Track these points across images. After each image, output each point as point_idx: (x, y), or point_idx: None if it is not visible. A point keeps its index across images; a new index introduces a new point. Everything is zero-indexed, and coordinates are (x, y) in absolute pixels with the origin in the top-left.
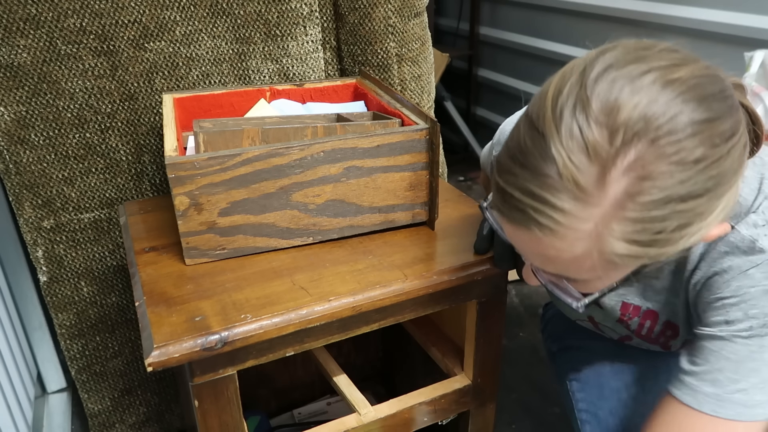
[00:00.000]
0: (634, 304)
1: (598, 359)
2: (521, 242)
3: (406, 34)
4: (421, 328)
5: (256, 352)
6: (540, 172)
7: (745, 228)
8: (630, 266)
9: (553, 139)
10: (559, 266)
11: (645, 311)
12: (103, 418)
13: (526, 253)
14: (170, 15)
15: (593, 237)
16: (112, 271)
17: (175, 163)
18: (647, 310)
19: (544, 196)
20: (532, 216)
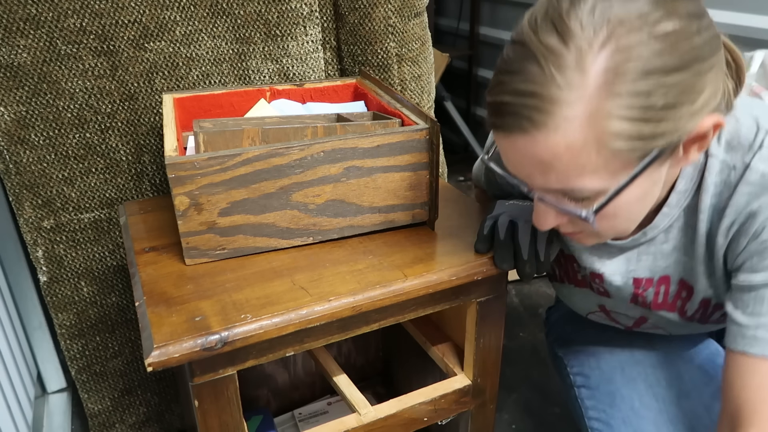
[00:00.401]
0: (645, 277)
1: (608, 365)
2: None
3: (406, 34)
4: (421, 328)
5: (256, 352)
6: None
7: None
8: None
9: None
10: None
11: (658, 279)
12: (103, 418)
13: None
14: (170, 15)
15: (585, 120)
16: (112, 271)
17: (175, 163)
18: (660, 277)
19: (531, 89)
20: (525, 114)
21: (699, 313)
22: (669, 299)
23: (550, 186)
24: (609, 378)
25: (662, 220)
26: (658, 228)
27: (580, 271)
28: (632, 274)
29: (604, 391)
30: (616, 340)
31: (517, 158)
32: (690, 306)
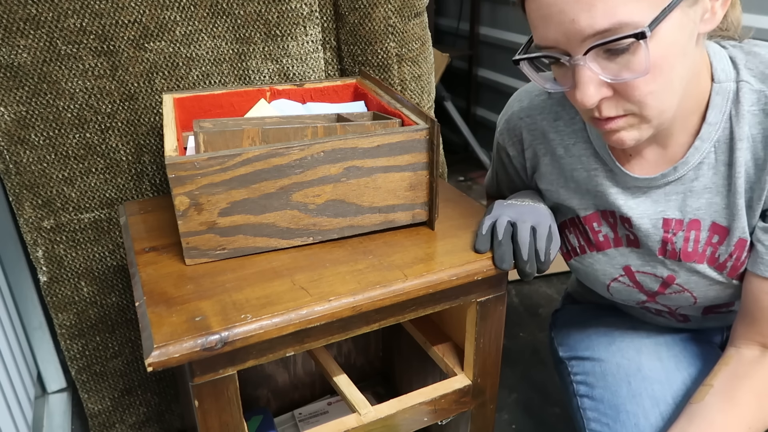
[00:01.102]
0: (675, 218)
1: (614, 377)
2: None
3: (406, 34)
4: (421, 328)
5: (256, 352)
6: None
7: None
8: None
9: None
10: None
11: (688, 222)
12: (103, 418)
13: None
14: (170, 15)
15: None
16: (112, 271)
17: (175, 163)
18: (690, 220)
19: None
20: None
21: (732, 259)
22: (699, 247)
23: (596, 25)
24: (614, 391)
25: (693, 155)
26: (689, 164)
27: (601, 231)
28: (662, 215)
29: (608, 404)
30: (623, 351)
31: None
32: (722, 251)
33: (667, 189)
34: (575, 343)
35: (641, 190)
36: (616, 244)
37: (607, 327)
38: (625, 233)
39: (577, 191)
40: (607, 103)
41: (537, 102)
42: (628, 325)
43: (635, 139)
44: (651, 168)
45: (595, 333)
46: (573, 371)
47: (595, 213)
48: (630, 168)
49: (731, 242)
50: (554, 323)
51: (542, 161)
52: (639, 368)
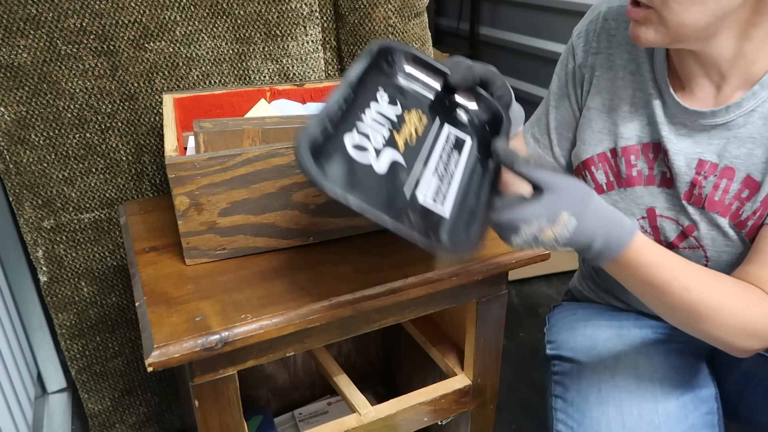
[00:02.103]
0: (711, 161)
1: (587, 382)
2: None
3: (406, 34)
4: (421, 328)
5: (256, 352)
6: None
7: None
8: None
9: None
10: None
11: (722, 168)
12: (103, 418)
13: None
14: (170, 15)
15: None
16: (112, 271)
17: (176, 163)
18: (725, 167)
19: None
20: None
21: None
22: (726, 198)
23: None
24: (584, 396)
25: (749, 100)
26: (742, 108)
27: (637, 165)
28: (698, 156)
29: (576, 407)
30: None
31: None
32: (747, 208)
33: (712, 132)
34: (562, 342)
35: (687, 126)
36: (647, 182)
37: (595, 330)
38: (661, 170)
39: (625, 117)
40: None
41: (623, 10)
42: (614, 331)
43: (649, 40)
44: (702, 105)
45: (582, 335)
46: (554, 370)
47: (636, 145)
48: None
49: (759, 198)
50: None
51: (602, 76)
52: (613, 375)
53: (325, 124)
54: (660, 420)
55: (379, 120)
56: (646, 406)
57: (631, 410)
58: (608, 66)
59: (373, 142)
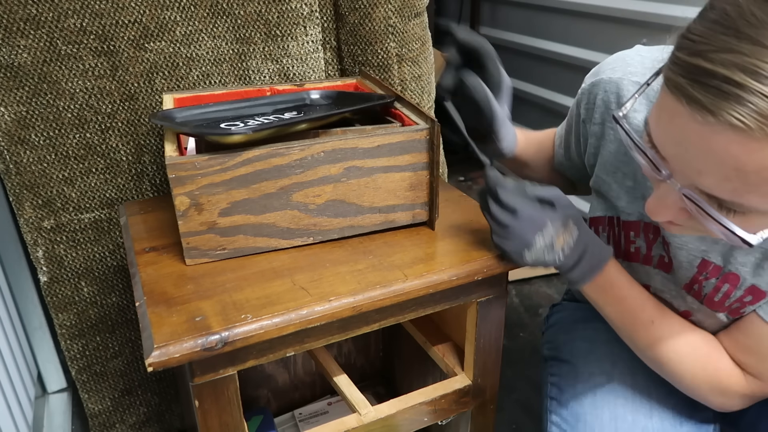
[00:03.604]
0: (715, 263)
1: (583, 386)
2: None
3: (407, 34)
4: (421, 328)
5: (256, 352)
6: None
7: None
8: None
9: None
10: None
11: (726, 273)
12: (103, 418)
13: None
14: (170, 15)
15: None
16: (112, 271)
17: (176, 164)
18: (728, 272)
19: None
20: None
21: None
22: (727, 302)
23: (718, 193)
24: (579, 400)
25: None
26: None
27: (636, 242)
28: (703, 255)
29: (571, 411)
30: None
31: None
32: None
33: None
34: (560, 344)
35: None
36: (645, 261)
37: (593, 333)
38: (660, 254)
39: (629, 192)
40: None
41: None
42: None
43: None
44: None
45: (580, 338)
46: (550, 371)
47: (638, 222)
48: None
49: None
50: (548, 318)
51: (607, 147)
52: (609, 381)
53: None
54: (654, 427)
55: None
56: (641, 414)
57: (625, 417)
58: (612, 138)
59: None
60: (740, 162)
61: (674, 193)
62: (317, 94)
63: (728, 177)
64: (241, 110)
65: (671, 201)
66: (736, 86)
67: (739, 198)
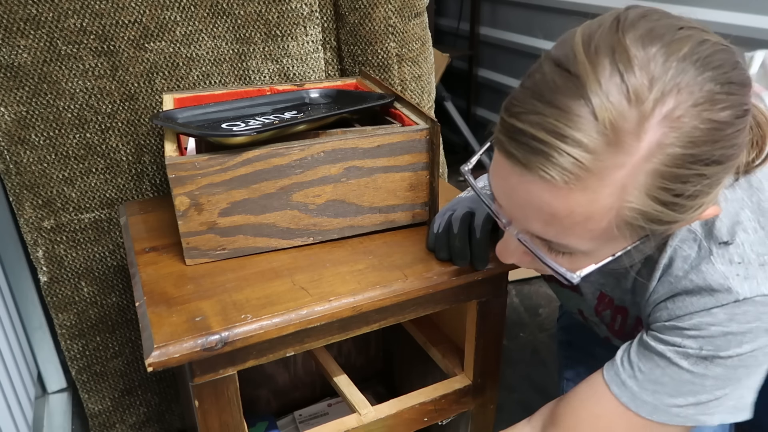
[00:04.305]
0: (609, 296)
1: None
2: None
3: (407, 34)
4: (421, 328)
5: (256, 352)
6: (571, 112)
7: (721, 262)
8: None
9: (589, 79)
10: (561, 230)
11: (616, 306)
12: (103, 418)
13: (523, 211)
14: (170, 15)
15: (618, 189)
16: (112, 272)
17: (176, 164)
18: (618, 305)
19: (575, 136)
20: (555, 159)
21: None
22: (626, 329)
23: (545, 236)
24: None
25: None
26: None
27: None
28: (601, 288)
29: None
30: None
31: (521, 199)
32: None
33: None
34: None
35: None
36: (573, 289)
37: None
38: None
39: None
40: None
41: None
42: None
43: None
44: None
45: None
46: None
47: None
48: None
49: None
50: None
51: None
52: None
53: None
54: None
55: None
56: None
57: None
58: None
59: None
60: (553, 208)
61: (514, 238)
62: (317, 93)
63: (548, 221)
64: (242, 110)
65: (513, 246)
66: (542, 143)
67: (563, 239)
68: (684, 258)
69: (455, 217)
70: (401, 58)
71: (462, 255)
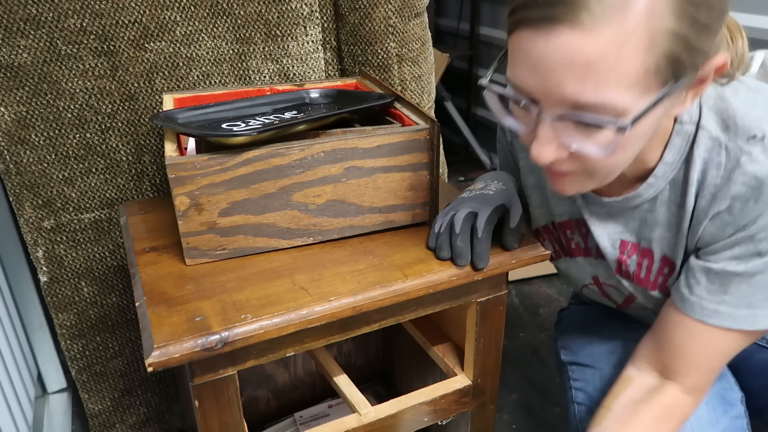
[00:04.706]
0: (631, 241)
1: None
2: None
3: (407, 34)
4: (421, 328)
5: (256, 352)
6: None
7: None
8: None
9: None
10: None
11: (642, 249)
12: (103, 418)
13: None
14: (170, 15)
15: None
16: (112, 272)
17: (176, 164)
18: (643, 248)
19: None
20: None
21: None
22: (651, 276)
23: (581, 97)
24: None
25: (647, 190)
26: (642, 197)
27: (574, 239)
28: (620, 236)
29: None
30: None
31: (550, 60)
32: (671, 282)
33: (628, 214)
34: (577, 348)
35: (604, 209)
36: (585, 254)
37: (611, 334)
38: (594, 244)
39: (555, 195)
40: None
41: None
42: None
43: (577, 190)
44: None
45: (598, 340)
46: (573, 377)
47: (569, 221)
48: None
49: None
50: (558, 323)
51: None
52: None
53: None
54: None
55: None
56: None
57: None
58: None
59: None
60: (585, 55)
61: (548, 128)
62: (317, 93)
63: (582, 75)
64: (242, 110)
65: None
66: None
67: (600, 95)
68: (717, 165)
69: (458, 218)
70: (401, 58)
71: (463, 254)
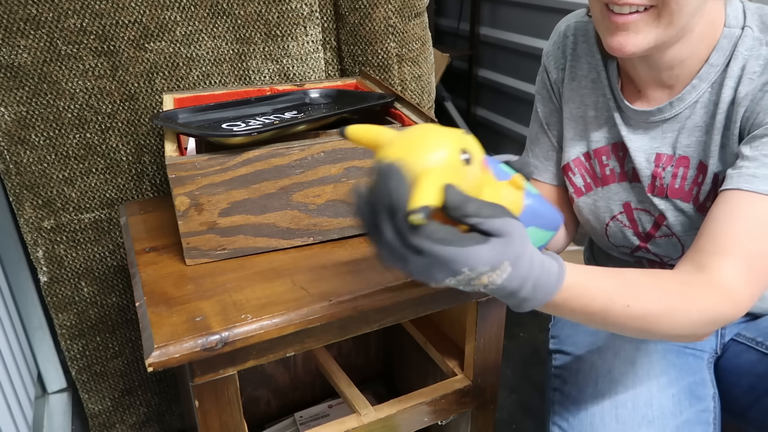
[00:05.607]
0: (667, 154)
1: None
2: None
3: (407, 34)
4: (421, 328)
5: (256, 352)
6: None
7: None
8: None
9: None
10: None
11: (678, 158)
12: (103, 418)
13: None
14: (170, 15)
15: None
16: (112, 272)
17: (176, 164)
18: (679, 156)
19: None
20: None
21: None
22: (686, 185)
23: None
24: (581, 389)
25: (690, 93)
26: (685, 102)
27: (609, 164)
28: (656, 150)
29: (573, 400)
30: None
31: None
32: (704, 190)
33: (664, 126)
34: (565, 337)
35: (642, 125)
36: (620, 179)
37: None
38: (631, 167)
39: (593, 122)
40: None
41: (581, 25)
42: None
43: (638, 45)
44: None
45: (584, 331)
46: (554, 364)
47: (606, 146)
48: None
49: (709, 179)
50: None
51: (569, 86)
52: (610, 370)
53: None
54: (654, 414)
55: None
56: (641, 401)
57: (626, 404)
58: (572, 77)
59: None
60: None
61: None
62: (317, 93)
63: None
64: (242, 110)
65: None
66: None
67: None
68: (757, 57)
69: None
70: (401, 58)
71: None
